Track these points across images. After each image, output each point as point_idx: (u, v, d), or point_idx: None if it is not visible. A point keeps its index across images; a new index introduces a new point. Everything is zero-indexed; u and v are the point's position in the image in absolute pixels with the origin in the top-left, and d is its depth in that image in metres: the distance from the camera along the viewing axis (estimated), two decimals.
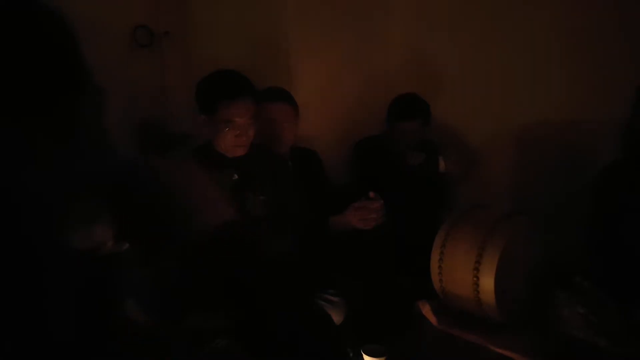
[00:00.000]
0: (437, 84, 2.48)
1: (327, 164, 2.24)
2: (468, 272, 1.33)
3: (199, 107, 1.68)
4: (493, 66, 2.41)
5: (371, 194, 1.75)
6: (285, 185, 1.80)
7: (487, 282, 1.30)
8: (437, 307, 1.49)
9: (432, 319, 1.47)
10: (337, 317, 1.75)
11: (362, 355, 1.28)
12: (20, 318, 0.39)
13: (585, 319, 1.26)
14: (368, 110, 2.44)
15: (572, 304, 1.29)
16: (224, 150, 1.69)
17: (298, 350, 0.51)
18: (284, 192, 1.77)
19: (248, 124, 1.66)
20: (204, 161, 1.67)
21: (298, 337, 0.51)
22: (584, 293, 1.32)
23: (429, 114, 2.24)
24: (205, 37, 2.11)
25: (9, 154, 0.41)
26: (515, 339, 1.32)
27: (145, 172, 0.59)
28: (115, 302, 0.47)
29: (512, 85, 2.40)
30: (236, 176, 1.70)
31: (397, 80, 2.45)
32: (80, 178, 0.47)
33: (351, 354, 1.29)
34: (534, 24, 2.35)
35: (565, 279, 1.38)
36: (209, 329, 1.54)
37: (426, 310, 1.50)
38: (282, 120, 1.98)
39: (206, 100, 1.66)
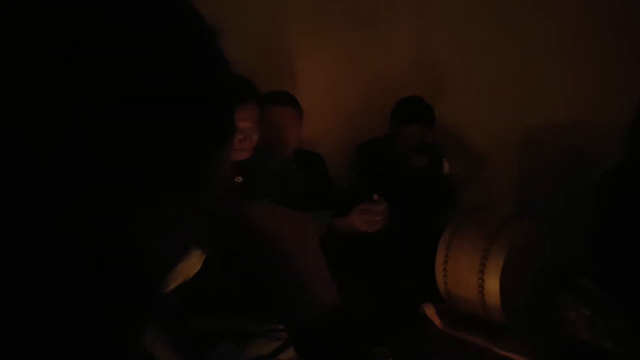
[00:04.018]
0: (441, 86, 2.48)
1: (331, 166, 2.24)
2: (473, 274, 1.33)
3: None
4: (496, 68, 2.41)
5: (375, 197, 1.75)
6: (289, 188, 1.80)
7: (492, 285, 1.30)
8: (441, 310, 1.48)
9: (437, 321, 1.46)
10: None
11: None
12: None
13: (591, 321, 1.26)
14: (372, 113, 2.45)
15: (578, 306, 1.29)
16: None
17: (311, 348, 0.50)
18: (287, 195, 1.77)
19: (252, 128, 1.66)
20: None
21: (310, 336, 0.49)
22: (589, 295, 1.31)
23: (433, 116, 2.24)
24: None
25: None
26: (520, 342, 1.32)
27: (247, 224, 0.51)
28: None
29: (515, 88, 2.40)
30: (240, 179, 1.70)
31: (400, 83, 2.45)
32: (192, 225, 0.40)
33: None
34: (538, 26, 2.35)
35: (570, 281, 1.37)
36: (214, 332, 1.54)
37: (431, 312, 1.49)
38: (286, 124, 1.98)
39: None
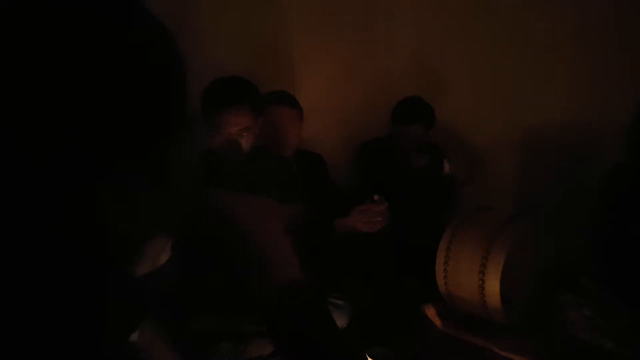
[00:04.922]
0: (441, 86, 2.48)
1: (331, 166, 2.24)
2: (473, 275, 1.33)
3: (202, 113, 1.68)
4: (496, 69, 2.41)
5: (375, 197, 1.75)
6: (290, 188, 1.80)
7: (493, 285, 1.30)
8: (442, 310, 1.48)
9: (438, 321, 1.46)
10: (341, 321, 1.75)
11: (367, 358, 1.28)
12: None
13: (592, 321, 1.26)
14: (372, 113, 2.45)
15: (578, 306, 1.29)
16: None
17: (308, 350, 0.50)
18: (288, 196, 1.77)
19: (240, 133, 1.65)
20: (207, 166, 1.67)
21: (308, 337, 0.50)
22: (590, 295, 1.31)
23: (433, 117, 2.24)
24: (210, 42, 2.12)
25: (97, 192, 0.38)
26: (521, 342, 1.32)
27: (212, 208, 0.54)
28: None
29: (515, 88, 2.40)
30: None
31: (401, 83, 2.45)
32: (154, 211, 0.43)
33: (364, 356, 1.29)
34: (538, 27, 2.36)
35: (571, 281, 1.37)
36: (214, 332, 1.55)
37: (431, 313, 1.49)
38: (287, 124, 1.98)
39: (203, 107, 1.66)
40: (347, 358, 0.52)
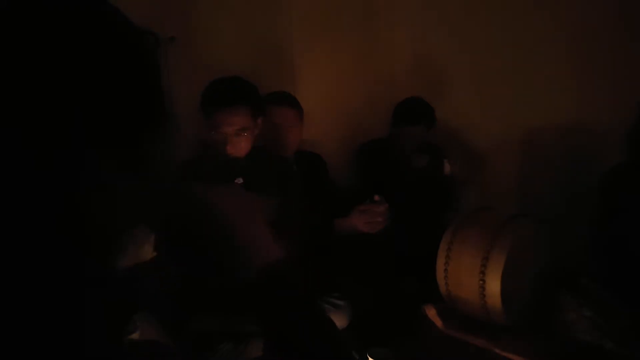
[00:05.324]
0: (442, 87, 2.48)
1: (331, 167, 2.24)
2: (474, 275, 1.33)
3: (202, 112, 1.69)
4: (497, 68, 2.41)
5: (376, 197, 1.75)
6: (290, 188, 1.80)
7: (493, 286, 1.30)
8: (443, 311, 1.48)
9: (438, 322, 1.46)
10: (342, 321, 1.75)
11: (368, 358, 1.28)
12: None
13: (592, 322, 1.26)
14: (372, 114, 2.45)
15: (578, 307, 1.29)
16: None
17: (307, 351, 0.51)
18: (288, 196, 1.77)
19: (237, 133, 1.64)
20: (208, 166, 1.68)
21: (307, 339, 0.50)
22: (590, 295, 1.31)
23: (434, 118, 2.24)
24: (211, 42, 2.12)
25: (78, 177, 0.39)
26: (521, 342, 1.32)
27: (191, 199, 0.56)
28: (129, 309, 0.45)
29: (516, 88, 2.40)
30: (241, 180, 1.70)
31: (402, 83, 2.45)
32: (137, 204, 0.44)
33: (357, 358, 1.29)
34: (540, 27, 2.36)
35: (571, 282, 1.37)
36: (215, 333, 1.55)
37: (432, 313, 1.49)
38: (287, 125, 1.98)
39: (202, 106, 1.66)
40: (341, 358, 0.52)
